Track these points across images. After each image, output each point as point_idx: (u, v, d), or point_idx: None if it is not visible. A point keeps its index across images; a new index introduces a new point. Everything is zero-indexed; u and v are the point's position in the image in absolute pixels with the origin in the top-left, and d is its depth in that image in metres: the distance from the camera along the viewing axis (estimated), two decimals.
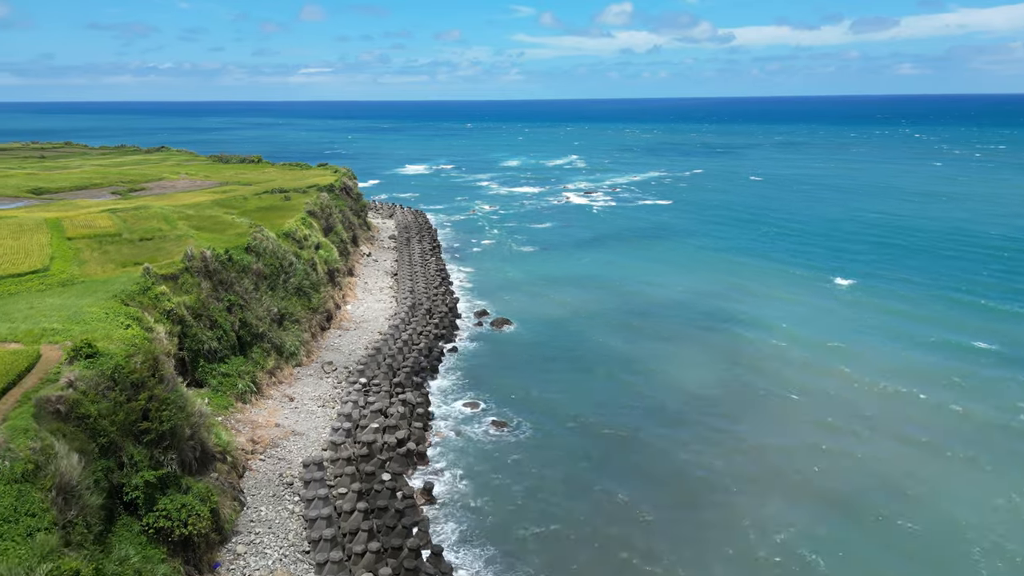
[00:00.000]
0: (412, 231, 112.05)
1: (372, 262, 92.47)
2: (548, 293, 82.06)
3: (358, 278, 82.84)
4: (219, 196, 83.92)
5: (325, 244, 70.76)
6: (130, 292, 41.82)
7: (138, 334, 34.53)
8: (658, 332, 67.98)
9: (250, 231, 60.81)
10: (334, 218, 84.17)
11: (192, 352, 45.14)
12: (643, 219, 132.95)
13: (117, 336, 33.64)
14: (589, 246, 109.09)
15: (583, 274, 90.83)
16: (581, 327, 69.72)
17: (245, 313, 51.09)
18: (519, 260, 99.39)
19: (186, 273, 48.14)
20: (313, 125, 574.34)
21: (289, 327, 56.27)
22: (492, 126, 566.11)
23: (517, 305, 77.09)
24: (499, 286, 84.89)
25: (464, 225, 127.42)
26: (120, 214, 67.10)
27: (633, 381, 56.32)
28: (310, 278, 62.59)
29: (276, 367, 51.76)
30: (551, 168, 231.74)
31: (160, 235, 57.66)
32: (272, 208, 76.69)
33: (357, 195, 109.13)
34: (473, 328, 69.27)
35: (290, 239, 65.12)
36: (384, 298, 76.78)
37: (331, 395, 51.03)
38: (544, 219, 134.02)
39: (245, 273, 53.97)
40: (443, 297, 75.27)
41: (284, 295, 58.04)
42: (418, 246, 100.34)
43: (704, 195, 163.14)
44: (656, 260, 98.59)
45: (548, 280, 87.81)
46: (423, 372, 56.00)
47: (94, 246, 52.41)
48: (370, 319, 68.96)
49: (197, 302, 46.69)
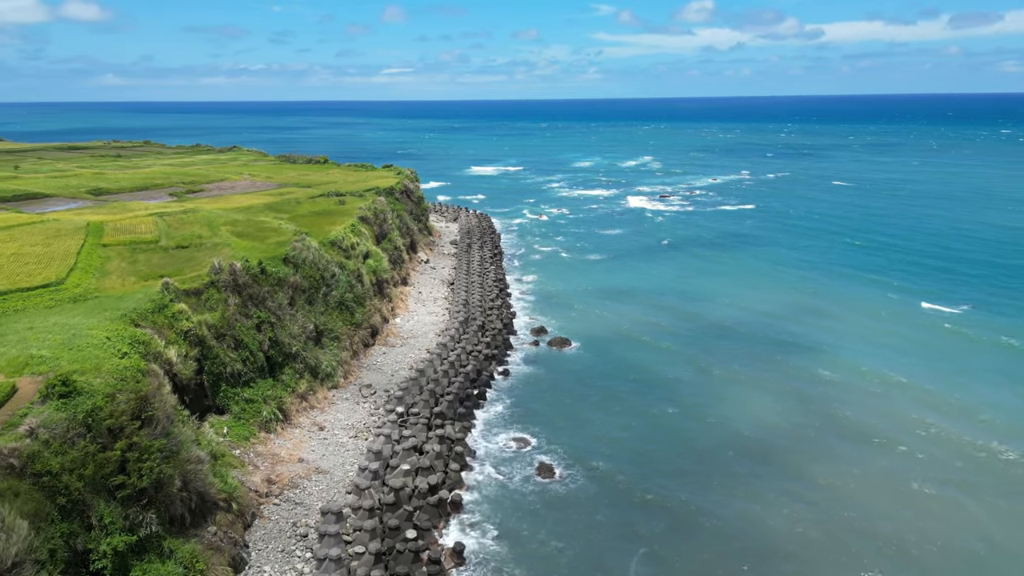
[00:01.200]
0: (474, 236, 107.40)
1: (429, 269, 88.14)
2: (613, 308, 75.61)
3: (412, 287, 78.54)
4: (274, 199, 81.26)
5: (375, 253, 66.58)
6: (143, 311, 38.16)
7: (132, 365, 30.49)
8: (730, 360, 60.58)
9: (293, 239, 57.03)
10: (389, 223, 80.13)
11: (213, 376, 41.28)
12: (720, 227, 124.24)
13: (107, 368, 29.66)
14: (661, 255, 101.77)
15: (653, 287, 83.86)
16: (647, 351, 63.07)
17: (277, 331, 47.06)
18: (585, 270, 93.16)
19: (212, 288, 44.39)
20: (390, 125, 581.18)
21: (327, 345, 52.08)
22: (566, 125, 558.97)
23: (579, 322, 71.03)
24: (561, 299, 78.98)
25: (530, 230, 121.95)
26: (167, 218, 64.74)
27: (699, 421, 49.44)
28: (354, 291, 58.36)
29: (309, 390, 47.53)
30: (625, 170, 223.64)
31: (198, 243, 54.50)
32: (324, 213, 73.18)
33: (419, 198, 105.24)
34: (529, 348, 63.64)
35: (336, 248, 61.11)
36: (437, 310, 72.11)
37: (366, 423, 46.42)
38: (614, 224, 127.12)
39: (280, 286, 50.01)
40: (499, 311, 70.00)
41: (324, 309, 53.91)
42: (478, 252, 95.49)
43: (786, 201, 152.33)
44: (732, 274, 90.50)
45: (614, 293, 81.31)
46: (469, 400, 50.76)
47: (125, 255, 49.49)
48: (419, 334, 64.31)
49: (221, 320, 42.84)
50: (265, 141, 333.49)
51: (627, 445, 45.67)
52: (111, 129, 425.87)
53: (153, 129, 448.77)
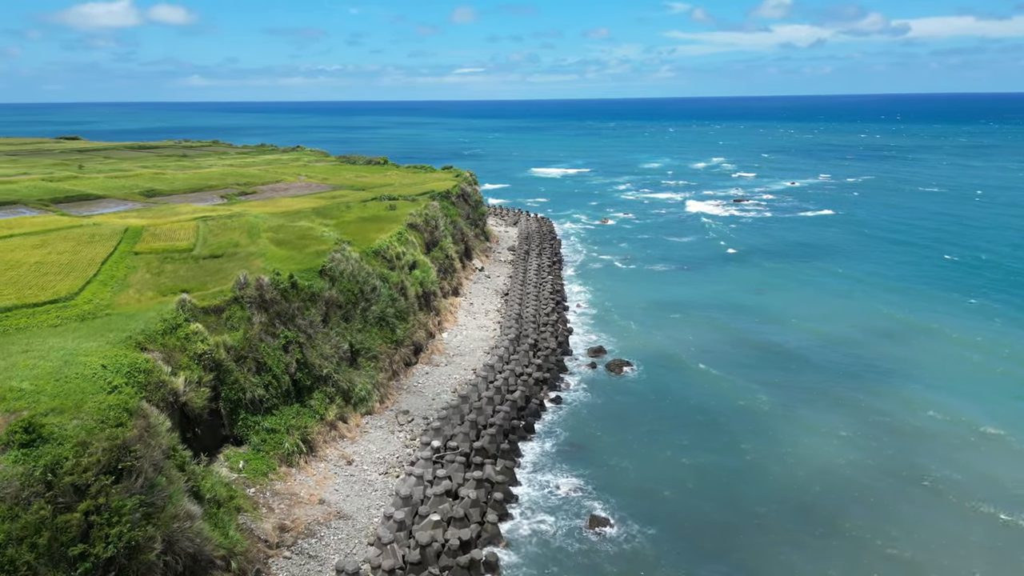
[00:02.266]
0: (533, 242, 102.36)
1: (483, 278, 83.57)
2: (677, 326, 69.20)
3: (463, 298, 74.08)
4: (324, 203, 78.22)
5: (422, 263, 62.33)
6: (152, 332, 34.63)
7: (118, 403, 26.68)
8: (802, 395, 53.47)
9: (332, 249, 53.23)
10: (441, 230, 75.89)
11: (231, 403, 37.55)
12: (796, 236, 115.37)
13: (89, 406, 25.93)
14: (733, 266, 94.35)
15: (721, 303, 76.92)
16: (715, 377, 56.64)
17: (306, 352, 43.13)
18: (648, 281, 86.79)
19: (235, 304, 40.74)
20: (458, 125, 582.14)
21: (363, 366, 47.96)
22: (636, 125, 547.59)
23: (640, 340, 65.03)
24: (621, 314, 73.01)
25: (593, 236, 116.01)
26: (209, 222, 62.16)
27: (766, 469, 42.85)
28: (396, 305, 54.15)
29: (339, 416, 43.43)
30: (695, 171, 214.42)
31: (232, 252, 51.28)
32: (373, 219, 69.46)
33: (476, 202, 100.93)
34: (585, 370, 58.15)
35: (379, 258, 57.08)
36: (488, 323, 67.37)
37: (399, 457, 42.00)
38: (682, 231, 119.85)
39: (313, 302, 46.12)
40: (553, 327, 64.73)
41: (362, 326, 49.82)
42: (536, 260, 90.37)
43: (870, 209, 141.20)
44: (809, 290, 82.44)
45: (678, 308, 74.80)
46: (514, 433, 45.72)
47: (152, 265, 46.55)
48: (467, 351, 59.67)
49: (243, 341, 39.09)
50: (334, 141, 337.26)
51: (688, 494, 39.70)
52: (190, 128, 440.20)
53: (228, 128, 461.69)
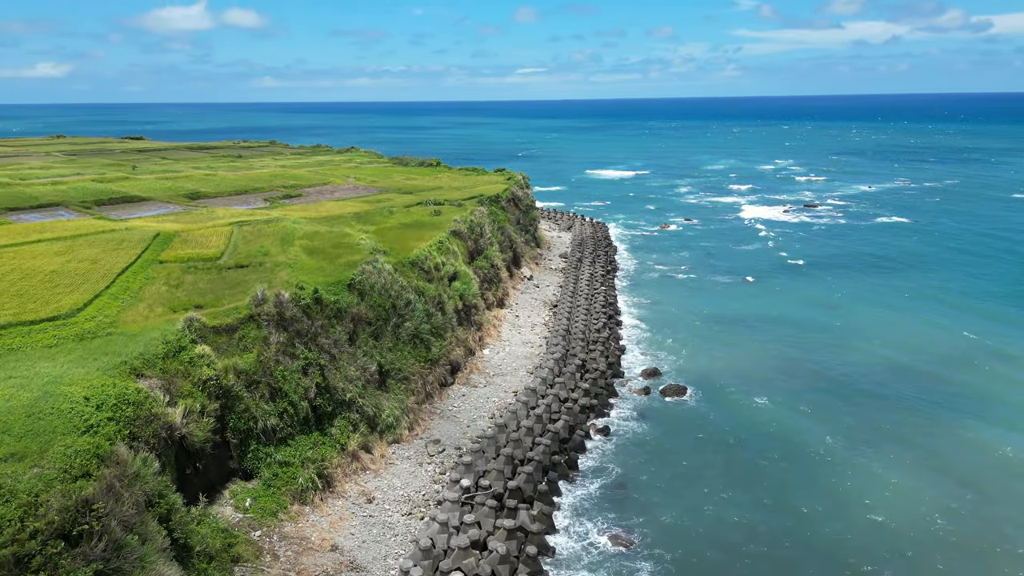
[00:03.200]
0: (587, 248, 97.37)
1: (532, 288, 79.12)
2: (740, 346, 63.28)
3: (509, 310, 69.80)
4: (368, 207, 75.16)
5: (464, 274, 58.29)
6: (152, 355, 31.44)
7: (88, 448, 23.32)
8: (879, 428, 47.22)
9: (366, 259, 49.68)
10: (487, 238, 71.78)
11: (240, 433, 34.15)
12: (872, 245, 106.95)
13: (55, 451, 22.65)
14: (801, 278, 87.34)
15: (789, 319, 70.49)
16: (778, 408, 50.76)
17: (328, 374, 39.53)
18: (711, 294, 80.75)
19: (250, 323, 37.38)
20: (517, 125, 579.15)
21: (393, 388, 44.13)
22: (699, 125, 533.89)
23: (699, 362, 59.48)
24: (680, 330, 67.44)
25: (651, 243, 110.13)
26: (245, 228, 59.67)
27: (839, 519, 37.12)
28: (432, 321, 50.21)
29: (363, 446, 39.68)
30: (762, 174, 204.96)
31: (259, 261, 48.23)
32: (415, 225, 65.85)
33: (527, 206, 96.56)
34: (637, 397, 53.06)
35: (416, 269, 53.28)
36: (534, 338, 62.90)
37: (425, 494, 37.99)
38: (748, 239, 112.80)
39: (339, 318, 42.52)
40: (604, 345, 59.79)
41: (393, 344, 46.03)
42: (589, 269, 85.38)
43: (952, 217, 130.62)
44: (885, 306, 75.03)
45: (743, 325, 68.75)
46: (555, 469, 41.13)
47: (173, 275, 43.77)
48: (508, 370, 55.34)
49: (256, 364, 35.67)
50: (393, 141, 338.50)
51: (738, 557, 34.38)
52: (255, 128, 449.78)
53: (291, 128, 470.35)
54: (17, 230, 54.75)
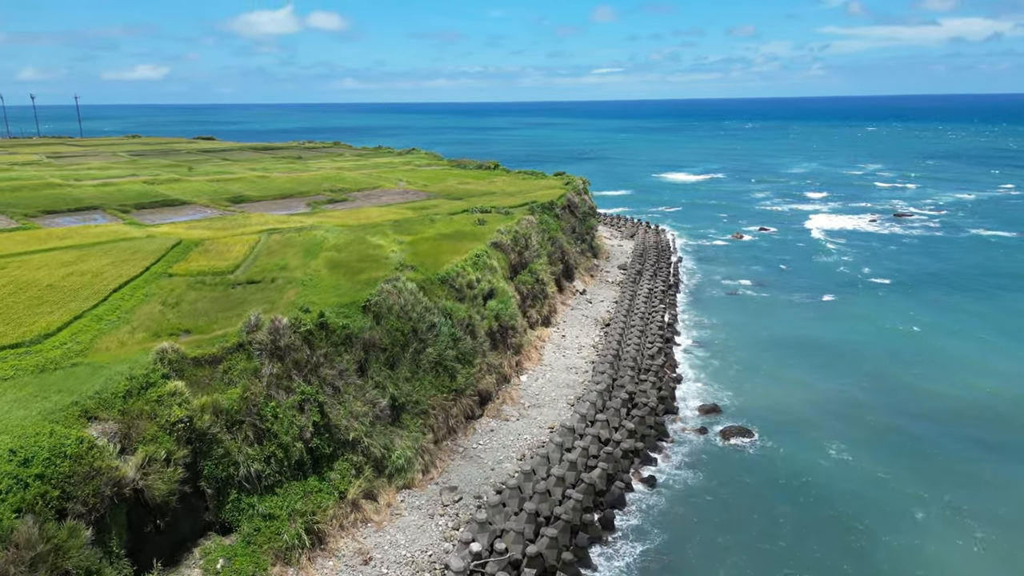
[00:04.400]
0: (648, 260, 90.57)
1: (584, 303, 73.17)
2: (815, 377, 55.72)
3: (555, 328, 64.14)
4: (411, 214, 70.96)
5: (501, 292, 53.00)
6: (111, 394, 27.47)
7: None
8: (985, 485, 39.30)
9: (388, 276, 45.09)
10: (535, 249, 66.32)
11: (217, 481, 29.89)
12: (974, 261, 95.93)
13: None
14: (891, 298, 78.16)
15: (874, 347, 62.19)
16: (862, 455, 43.34)
17: (329, 410, 34.99)
18: (786, 314, 72.86)
19: (239, 353, 33.14)
20: (590, 125, 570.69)
21: (407, 424, 39.29)
22: (780, 125, 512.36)
23: (767, 397, 52.38)
24: (747, 358, 60.27)
25: (720, 254, 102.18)
26: (274, 236, 56.34)
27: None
28: (459, 346, 45.14)
29: (366, 493, 34.96)
30: (848, 179, 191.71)
31: (274, 276, 44.31)
32: (455, 236, 61.06)
33: (584, 213, 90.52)
34: (692, 438, 46.58)
35: (446, 286, 48.36)
36: (579, 363, 57.07)
37: (432, 554, 32.92)
38: (830, 251, 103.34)
39: (348, 345, 37.95)
40: (657, 375, 53.46)
41: (411, 374, 41.20)
42: (648, 283, 78.72)
43: None
44: (990, 333, 65.49)
45: (819, 352, 60.97)
46: (587, 529, 35.38)
47: (177, 291, 40.22)
48: (546, 401, 49.72)
49: (240, 401, 31.37)
50: (461, 142, 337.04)
51: None
52: (330, 128, 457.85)
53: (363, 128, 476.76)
54: (39, 236, 52.79)
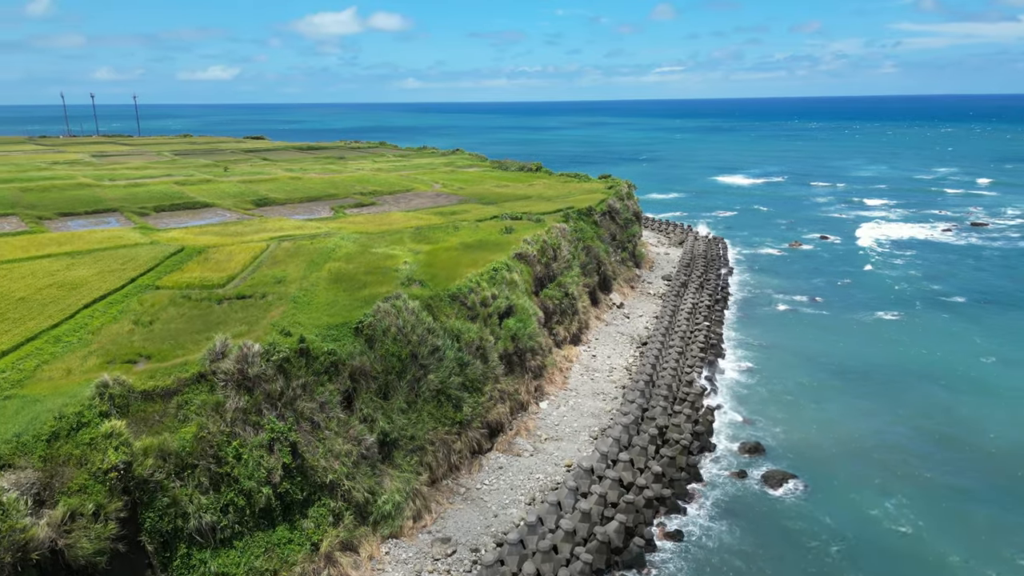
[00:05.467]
0: (695, 270, 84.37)
1: (620, 318, 67.77)
2: (877, 411, 49.11)
3: (585, 346, 59.04)
4: (436, 220, 66.93)
5: (521, 309, 48.21)
6: (32, 437, 23.91)
7: None
8: None
9: (389, 293, 40.92)
10: (565, 260, 61.35)
11: (161, 535, 26.10)
12: None
13: None
14: (962, 319, 70.14)
15: (943, 374, 55.01)
16: (928, 521, 36.95)
17: (305, 449, 30.92)
18: (843, 335, 65.90)
19: (198, 385, 29.34)
20: (647, 124, 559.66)
21: (400, 463, 34.98)
22: (846, 125, 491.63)
23: (819, 435, 46.17)
24: (798, 387, 53.99)
25: (776, 265, 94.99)
26: (284, 244, 53.13)
27: None
28: (467, 371, 40.63)
29: (344, 544, 30.77)
30: (919, 184, 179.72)
31: (266, 291, 40.66)
32: (477, 245, 56.62)
33: (626, 220, 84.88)
34: (728, 482, 40.95)
35: (457, 304, 43.89)
36: (609, 388, 51.88)
37: None
38: (897, 264, 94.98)
39: (332, 374, 33.84)
40: (693, 406, 47.89)
41: (408, 404, 36.89)
42: (693, 297, 72.72)
43: None
44: None
45: (882, 381, 54.18)
46: None
47: (157, 306, 36.89)
48: (567, 433, 44.76)
49: (194, 442, 27.54)
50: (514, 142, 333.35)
51: None
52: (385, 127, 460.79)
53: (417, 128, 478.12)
54: (40, 241, 50.63)
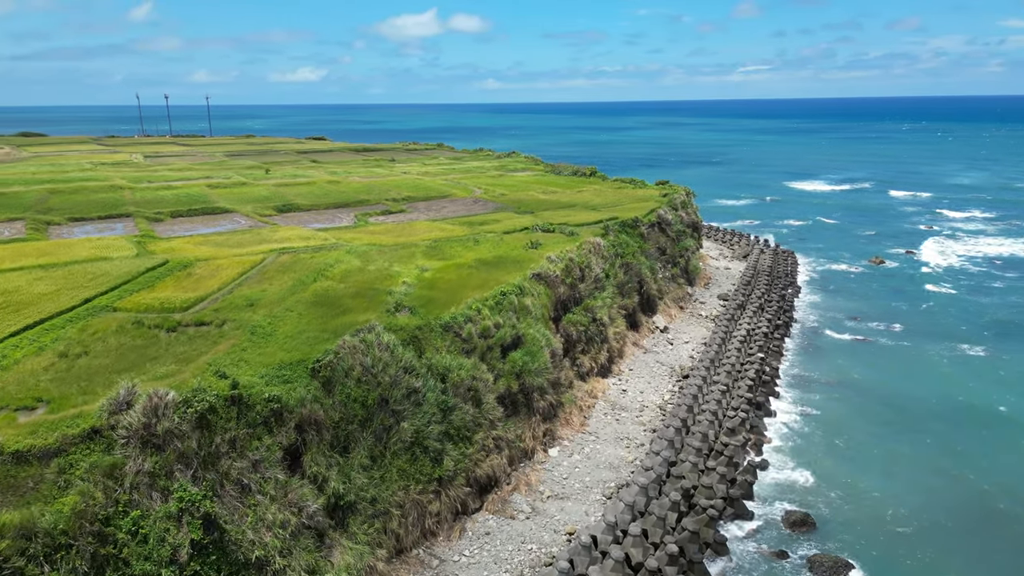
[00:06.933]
0: (757, 288, 75.81)
1: (664, 344, 60.42)
2: (968, 484, 40.33)
3: (616, 379, 52.14)
4: (461, 231, 61.40)
5: (531, 340, 41.86)
6: None
7: None
8: None
9: (359, 326, 35.44)
10: (597, 279, 54.58)
11: None
12: None
13: None
14: None
15: None
16: None
17: (227, 520, 25.68)
18: (926, 372, 56.54)
19: (92, 442, 24.44)
20: (726, 125, 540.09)
21: (354, 531, 29.35)
22: (944, 128, 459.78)
23: (886, 509, 37.87)
24: (865, 442, 45.45)
25: (852, 284, 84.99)
26: (283, 257, 48.86)
27: None
28: (453, 417, 34.69)
29: None
30: (1023, 193, 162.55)
31: (226, 318, 35.84)
32: (495, 262, 50.62)
33: (679, 231, 77.07)
34: (760, 561, 33.48)
35: (450, 335, 37.99)
36: (637, 432, 44.92)
37: None
38: (995, 287, 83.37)
39: (274, 425, 28.51)
40: (731, 461, 40.44)
41: (371, 460, 31.24)
42: (749, 322, 64.48)
43: None
44: None
45: (969, 432, 45.07)
46: None
47: (97, 335, 32.52)
48: (575, 489, 38.17)
49: (69, 517, 22.59)
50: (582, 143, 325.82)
51: None
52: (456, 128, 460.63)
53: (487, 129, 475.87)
54: (24, 250, 47.77)
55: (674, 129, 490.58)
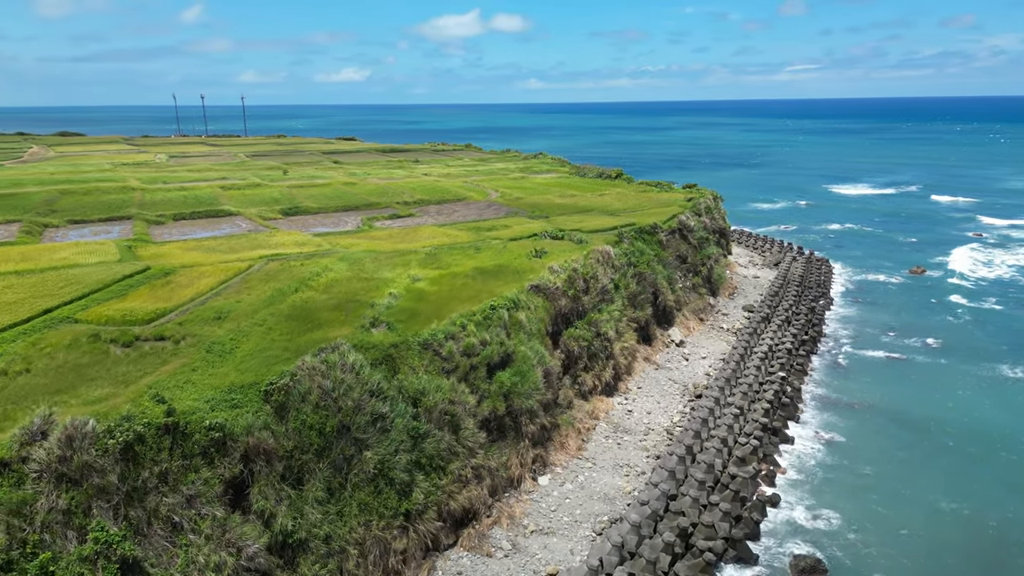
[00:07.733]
0: (786, 299, 71.39)
1: (678, 360, 56.77)
2: (1003, 519, 36.04)
3: (622, 398, 48.77)
4: (465, 237, 58.72)
5: (522, 358, 38.83)
6: None
7: None
8: None
9: (334, 341, 32.86)
10: (605, 290, 51.24)
11: None
12: None
13: None
14: None
15: None
16: None
17: (154, 563, 23.29)
18: (969, 399, 51.82)
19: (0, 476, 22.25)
20: (769, 125, 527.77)
21: (304, 574, 26.73)
22: (999, 128, 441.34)
23: (913, 557, 33.87)
24: (893, 475, 41.28)
25: (890, 295, 79.80)
26: (271, 264, 47.00)
27: None
28: (424, 445, 31.88)
29: None
30: None
31: (187, 334, 33.65)
32: (493, 272, 47.70)
33: (701, 238, 73.08)
34: None
35: (429, 353, 35.19)
36: (639, 458, 41.57)
37: None
38: None
39: (215, 456, 26.06)
40: (737, 496, 36.82)
41: (327, 494, 28.60)
42: (773, 336, 60.37)
43: None
44: None
45: (1013, 465, 40.58)
46: None
47: (47, 350, 30.55)
48: (564, 524, 35.03)
49: None
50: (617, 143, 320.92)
51: None
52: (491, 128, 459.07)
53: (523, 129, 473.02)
54: (10, 255, 46.61)
55: (713, 129, 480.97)
